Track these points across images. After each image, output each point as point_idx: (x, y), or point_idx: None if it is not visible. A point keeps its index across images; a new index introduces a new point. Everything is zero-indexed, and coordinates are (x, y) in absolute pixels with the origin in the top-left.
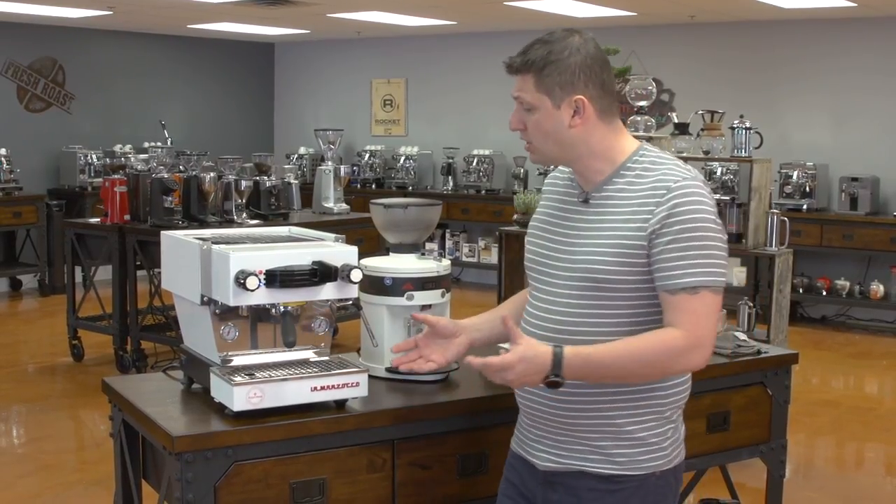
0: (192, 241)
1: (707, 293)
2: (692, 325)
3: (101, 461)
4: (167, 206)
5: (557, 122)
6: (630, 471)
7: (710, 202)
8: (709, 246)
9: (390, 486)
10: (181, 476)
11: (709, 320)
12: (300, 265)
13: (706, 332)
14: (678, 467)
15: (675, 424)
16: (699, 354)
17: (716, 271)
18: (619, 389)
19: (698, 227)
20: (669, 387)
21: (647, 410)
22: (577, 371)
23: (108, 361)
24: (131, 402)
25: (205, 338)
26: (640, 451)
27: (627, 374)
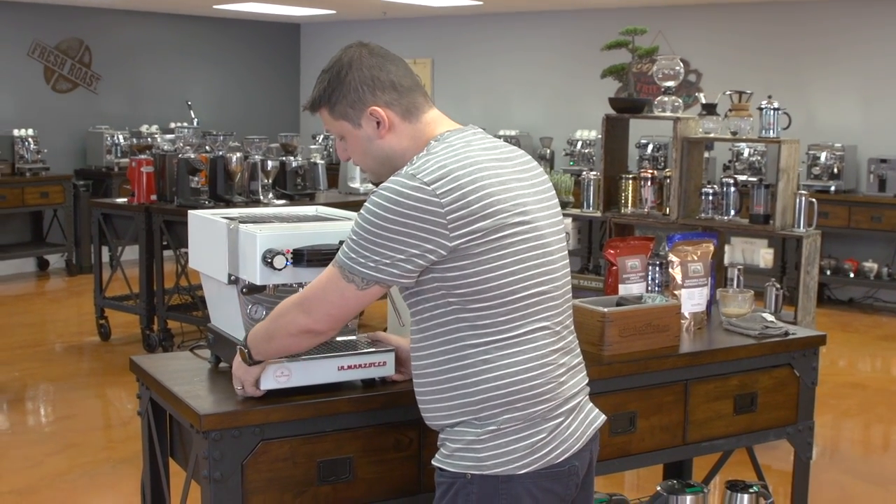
0: (220, 221)
1: (336, 271)
2: (309, 286)
3: (128, 440)
4: (194, 186)
5: (366, 140)
6: (444, 465)
7: (401, 198)
8: (360, 232)
9: (416, 466)
10: (208, 454)
11: (319, 289)
12: (327, 244)
13: (313, 297)
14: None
15: (496, 429)
16: (302, 315)
17: (352, 256)
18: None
19: (366, 211)
20: (477, 382)
21: (456, 404)
22: (251, 337)
23: (134, 341)
24: (159, 381)
25: (232, 317)
26: (458, 448)
27: (267, 335)
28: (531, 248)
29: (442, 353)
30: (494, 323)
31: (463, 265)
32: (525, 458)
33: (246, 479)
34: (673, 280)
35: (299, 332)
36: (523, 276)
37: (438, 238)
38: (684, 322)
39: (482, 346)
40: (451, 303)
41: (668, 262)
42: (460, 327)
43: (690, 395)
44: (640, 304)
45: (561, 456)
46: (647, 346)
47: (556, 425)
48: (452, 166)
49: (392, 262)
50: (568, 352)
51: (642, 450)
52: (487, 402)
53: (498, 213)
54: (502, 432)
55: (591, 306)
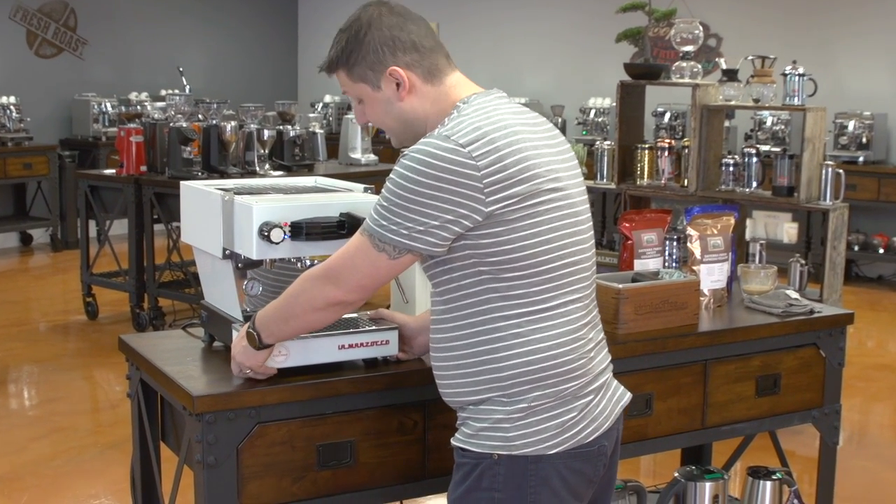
0: (214, 192)
1: (366, 239)
2: (335, 255)
3: (116, 423)
4: (186, 156)
5: (386, 103)
6: (468, 445)
7: (435, 160)
8: (391, 198)
9: (421, 450)
10: (202, 438)
11: (347, 258)
12: (327, 217)
13: (341, 267)
14: (534, 458)
15: (527, 407)
16: (327, 286)
17: (382, 223)
18: (451, 353)
19: (396, 175)
20: (507, 356)
21: (483, 379)
22: (262, 318)
23: (123, 319)
24: (149, 361)
25: (227, 293)
26: (484, 427)
27: (286, 314)
28: (564, 216)
29: (470, 325)
30: (527, 294)
31: (497, 232)
32: (555, 437)
33: (241, 464)
34: (691, 255)
35: (327, 304)
36: (557, 244)
37: (474, 203)
38: (703, 299)
39: (514, 318)
40: (483, 272)
41: (686, 237)
42: (491, 298)
43: (710, 376)
44: (657, 281)
45: (591, 435)
46: (663, 324)
47: (586, 403)
48: (488, 128)
49: (426, 228)
50: (594, 326)
51: (659, 434)
52: (518, 377)
53: (534, 178)
54: (533, 410)
55: (605, 282)
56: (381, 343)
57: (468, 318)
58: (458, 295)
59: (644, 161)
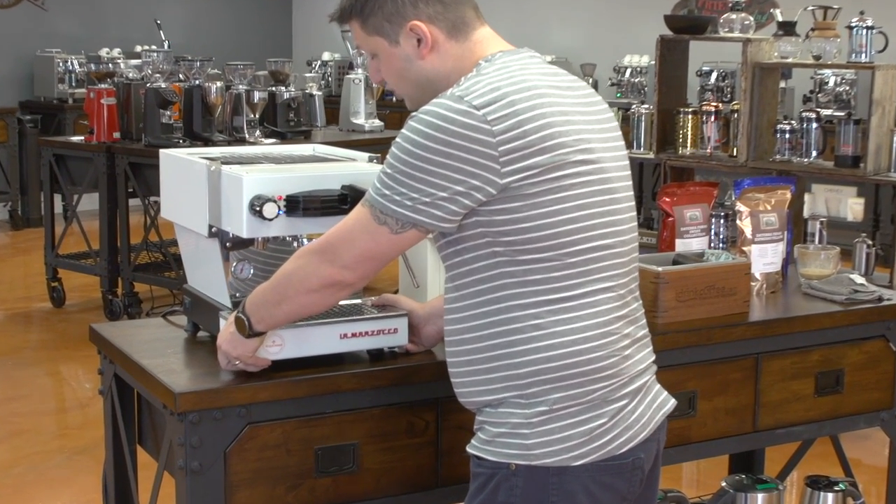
0: (198, 162)
1: (366, 211)
2: (333, 229)
3: (86, 425)
4: (165, 121)
5: (404, 60)
6: (483, 453)
7: (444, 123)
8: (395, 164)
9: (434, 455)
10: (185, 440)
11: (345, 232)
12: (327, 190)
13: (338, 241)
14: (557, 470)
15: (547, 411)
16: (322, 263)
17: (384, 192)
18: (463, 347)
19: (402, 139)
20: (524, 352)
21: (498, 377)
22: (252, 302)
23: (94, 307)
24: (125, 353)
25: (213, 277)
26: (500, 433)
27: (277, 297)
28: (595, 192)
29: (483, 315)
30: (548, 280)
31: (514, 208)
32: (582, 446)
33: (230, 470)
34: (741, 234)
35: (322, 285)
36: (585, 224)
37: (487, 173)
38: (755, 284)
39: (532, 307)
40: (497, 253)
41: (735, 213)
42: (506, 284)
43: (762, 372)
44: (702, 263)
45: (624, 446)
46: (709, 312)
47: (619, 409)
48: (507, 89)
49: (432, 200)
50: (633, 321)
51: (704, 437)
52: (537, 376)
53: (558, 148)
54: (555, 415)
55: (643, 265)
56: (389, 332)
57: (481, 307)
58: (470, 280)
59: (687, 127)
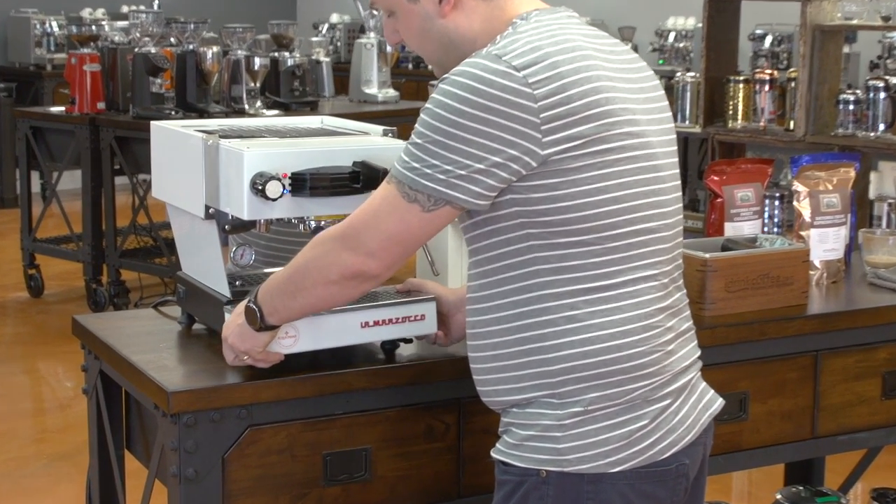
0: (193, 135)
1: (393, 188)
2: (355, 212)
3: (67, 428)
4: (155, 90)
5: (424, 18)
6: (510, 458)
7: (481, 85)
8: (425, 132)
9: (455, 461)
10: (179, 445)
11: (370, 214)
12: (337, 167)
13: (362, 226)
14: (592, 477)
15: (582, 412)
16: (346, 251)
17: (413, 165)
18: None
19: (433, 104)
20: (558, 346)
21: (527, 374)
22: (266, 291)
23: (76, 297)
24: (112, 348)
25: (210, 263)
26: (530, 436)
27: (293, 288)
28: (639, 169)
29: (511, 305)
30: (586, 266)
31: (552, 184)
32: (620, 451)
33: (228, 478)
34: (799, 217)
35: (344, 276)
36: (628, 205)
37: (528, 143)
38: (814, 273)
39: (567, 297)
40: (531, 236)
41: (792, 194)
42: (539, 271)
43: (822, 371)
44: (754, 249)
45: (667, 450)
46: (762, 304)
47: (661, 409)
48: (549, 49)
49: (468, 173)
50: (676, 313)
51: (756, 444)
52: (571, 373)
53: (604, 117)
54: (590, 416)
55: (688, 251)
56: (415, 319)
57: (510, 297)
58: (498, 266)
59: (738, 98)
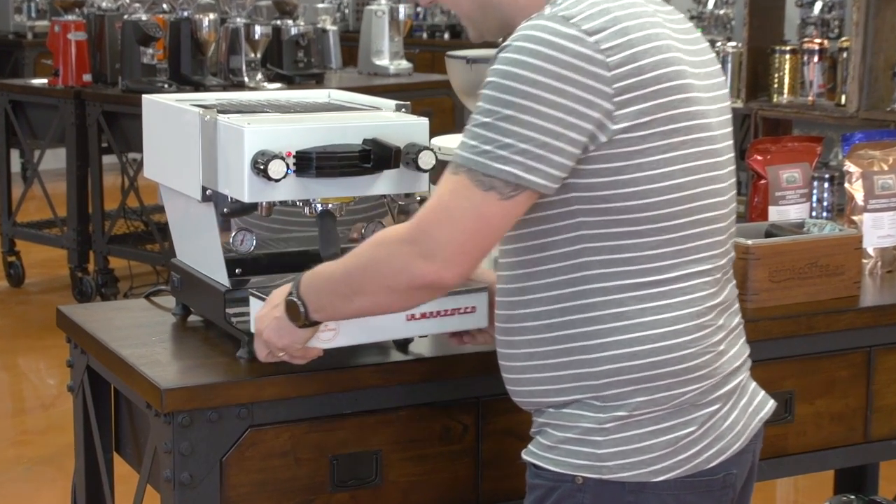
0: (189, 110)
1: (465, 180)
2: (424, 212)
3: (50, 430)
4: (146, 61)
5: None
6: (544, 462)
7: (552, 51)
8: (493, 109)
9: (473, 465)
10: (173, 447)
11: (440, 211)
12: (346, 145)
13: (434, 226)
14: (634, 486)
15: (627, 416)
16: (420, 258)
17: (485, 148)
18: (526, 337)
19: (498, 76)
20: (605, 346)
21: (569, 374)
22: (311, 287)
23: (60, 287)
24: (100, 342)
25: (207, 249)
26: (567, 439)
27: (348, 289)
28: (701, 154)
29: (553, 299)
30: (638, 260)
31: (617, 167)
32: (664, 459)
33: (227, 483)
34: (850, 200)
35: (413, 286)
36: (689, 193)
37: (601, 116)
38: (867, 262)
39: (616, 292)
40: (583, 225)
41: (843, 175)
42: (587, 264)
43: (876, 369)
44: (802, 236)
45: (714, 458)
46: (810, 295)
47: (709, 414)
48: (618, 13)
49: (545, 152)
50: (727, 308)
51: (803, 449)
52: (617, 375)
53: (672, 94)
54: (634, 420)
55: None
56: (465, 311)
57: (552, 290)
58: (541, 256)
59: (784, 70)
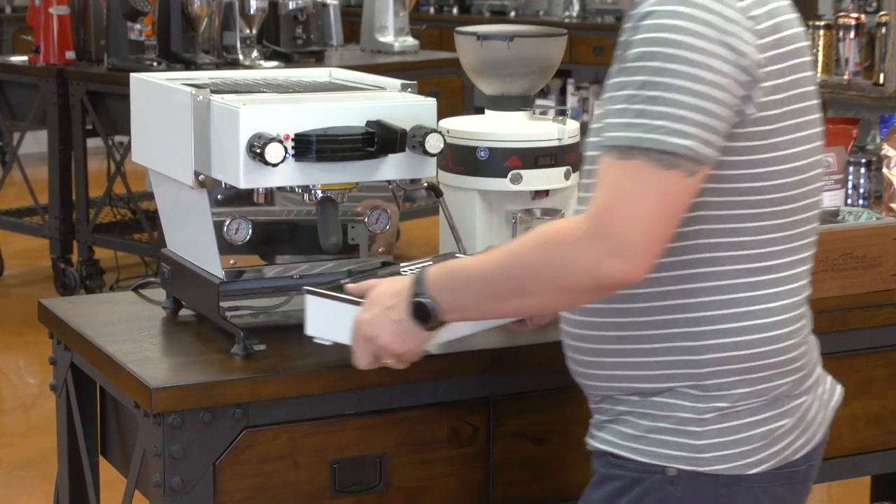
0: (180, 90)
1: (643, 162)
2: (602, 206)
3: (31, 431)
4: (134, 37)
5: None
6: (628, 452)
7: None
8: (662, 82)
9: (484, 468)
10: (163, 449)
11: (627, 197)
12: (348, 127)
13: (616, 214)
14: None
15: (728, 407)
16: (608, 256)
17: (655, 125)
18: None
19: (658, 51)
20: (712, 333)
21: (670, 361)
22: (441, 286)
23: (41, 279)
24: (85, 337)
25: (200, 239)
26: (658, 428)
27: (505, 291)
28: (815, 135)
29: (657, 282)
30: (753, 244)
31: (752, 146)
32: (760, 451)
33: (220, 489)
34: (889, 187)
35: (599, 286)
36: (804, 177)
37: (749, 90)
38: None
39: (727, 277)
40: (704, 205)
41: (881, 159)
42: (701, 246)
43: None
44: (836, 224)
45: (800, 450)
46: (845, 289)
47: (800, 406)
48: None
49: (717, 122)
50: (808, 297)
51: (837, 453)
52: (721, 365)
53: (800, 70)
54: (734, 412)
55: None
56: None
57: (660, 272)
58: None
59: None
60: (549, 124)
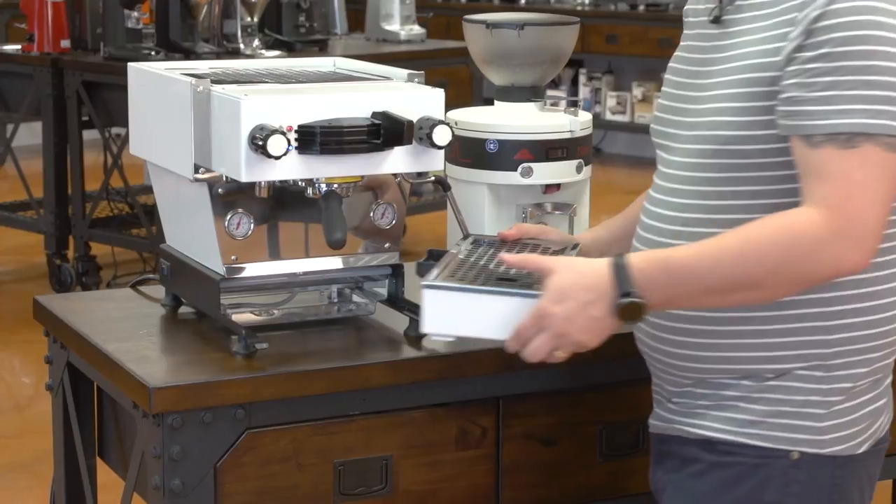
0: (180, 80)
1: (871, 148)
2: (839, 199)
3: (26, 433)
4: (131, 25)
5: None
6: (748, 438)
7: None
8: (881, 69)
9: (493, 471)
10: (163, 451)
11: (869, 193)
12: (353, 119)
13: (862, 211)
14: (842, 461)
15: (850, 388)
16: (851, 249)
17: (882, 110)
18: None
19: (864, 36)
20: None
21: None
22: (652, 281)
23: (36, 275)
24: (82, 336)
25: (200, 234)
26: (779, 412)
27: (732, 285)
28: None
29: None
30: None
31: None
32: (866, 430)
33: (222, 491)
34: None
35: (832, 276)
36: None
37: None
38: None
39: None
40: None
41: None
42: None
43: None
44: None
45: (885, 426)
46: None
47: (890, 384)
48: None
49: None
50: None
51: None
52: (850, 345)
53: None
54: (852, 392)
55: None
56: None
57: None
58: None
59: None
60: (560, 116)
